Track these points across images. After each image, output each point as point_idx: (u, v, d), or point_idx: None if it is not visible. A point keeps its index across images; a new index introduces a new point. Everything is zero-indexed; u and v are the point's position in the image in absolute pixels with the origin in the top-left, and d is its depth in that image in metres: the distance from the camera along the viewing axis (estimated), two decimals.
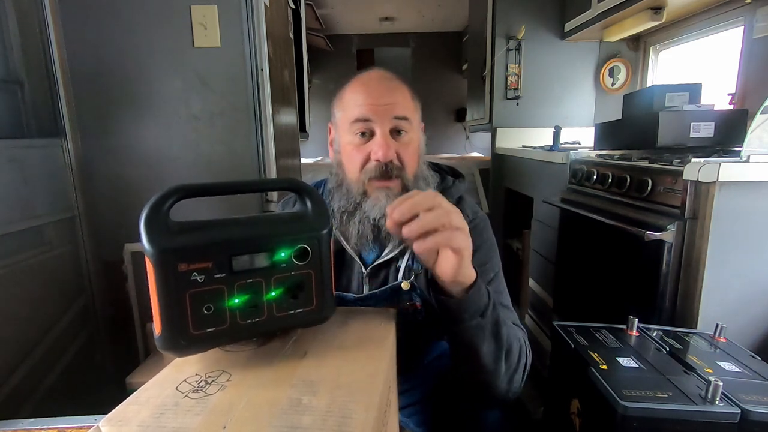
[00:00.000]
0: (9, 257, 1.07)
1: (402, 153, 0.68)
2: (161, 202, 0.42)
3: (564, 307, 1.54)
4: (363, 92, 0.68)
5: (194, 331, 0.42)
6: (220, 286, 0.43)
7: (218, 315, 0.43)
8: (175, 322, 0.41)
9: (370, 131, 0.68)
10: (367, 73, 0.72)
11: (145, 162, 1.37)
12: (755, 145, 0.95)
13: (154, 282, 0.41)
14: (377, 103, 0.67)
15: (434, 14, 4.08)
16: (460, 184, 0.80)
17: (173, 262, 0.40)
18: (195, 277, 0.41)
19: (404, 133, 0.68)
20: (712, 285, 0.93)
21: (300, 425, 0.35)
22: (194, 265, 0.41)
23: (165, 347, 0.42)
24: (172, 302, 0.41)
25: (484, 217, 0.77)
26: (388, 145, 0.66)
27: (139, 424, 0.36)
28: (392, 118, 0.67)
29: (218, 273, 0.42)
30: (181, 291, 0.41)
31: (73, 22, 1.30)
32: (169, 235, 0.41)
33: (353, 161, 0.69)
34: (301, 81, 2.66)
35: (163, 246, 0.40)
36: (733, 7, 1.58)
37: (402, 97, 0.69)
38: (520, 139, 2.38)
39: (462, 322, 0.55)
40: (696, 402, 0.66)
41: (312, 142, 4.22)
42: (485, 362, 0.58)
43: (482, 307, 0.56)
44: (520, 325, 0.69)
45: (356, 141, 0.69)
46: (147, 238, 0.40)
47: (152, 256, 0.40)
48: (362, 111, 0.67)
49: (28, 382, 1.09)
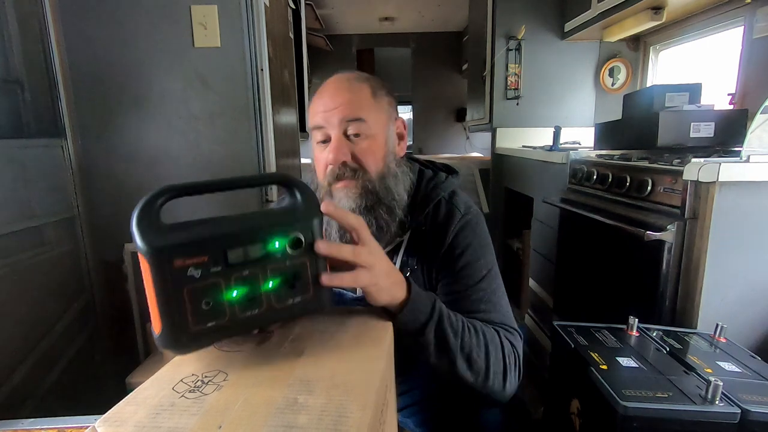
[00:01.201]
0: (9, 257, 1.07)
1: (359, 154, 0.69)
2: (152, 201, 0.42)
3: (564, 307, 1.54)
4: (318, 100, 0.71)
5: (194, 327, 0.42)
6: (217, 280, 0.43)
7: (217, 309, 0.43)
8: (175, 320, 0.41)
9: (327, 137, 0.70)
10: (330, 79, 0.73)
11: (145, 162, 1.37)
12: (755, 145, 0.95)
13: (150, 280, 0.40)
14: (327, 109, 0.68)
15: (434, 14, 4.08)
16: (453, 179, 0.80)
17: (169, 258, 0.40)
18: (192, 273, 0.41)
19: (360, 133, 0.69)
20: (712, 285, 0.93)
21: (296, 424, 0.35)
22: (190, 260, 0.41)
23: (166, 345, 0.42)
24: (170, 299, 0.41)
25: (477, 212, 0.76)
26: (338, 149, 0.68)
27: (135, 424, 0.36)
28: (342, 120, 0.68)
29: (214, 267, 0.42)
30: (179, 287, 0.41)
31: (73, 22, 1.30)
32: (161, 233, 0.41)
33: (318, 167, 0.73)
34: (301, 81, 2.66)
35: (157, 243, 0.40)
36: (733, 7, 1.57)
37: (356, 97, 0.69)
38: (520, 139, 2.38)
39: (401, 339, 0.57)
40: (696, 402, 0.66)
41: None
42: (439, 371, 0.61)
43: (418, 325, 0.58)
44: (508, 325, 0.69)
45: (318, 148, 0.72)
46: (140, 237, 0.40)
47: (147, 254, 0.40)
48: (317, 119, 0.69)
49: (28, 382, 1.09)
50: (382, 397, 0.43)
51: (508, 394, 0.65)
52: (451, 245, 0.72)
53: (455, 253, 0.71)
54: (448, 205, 0.75)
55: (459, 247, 0.72)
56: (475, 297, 0.69)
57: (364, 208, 0.69)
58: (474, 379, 0.61)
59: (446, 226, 0.73)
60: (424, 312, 0.58)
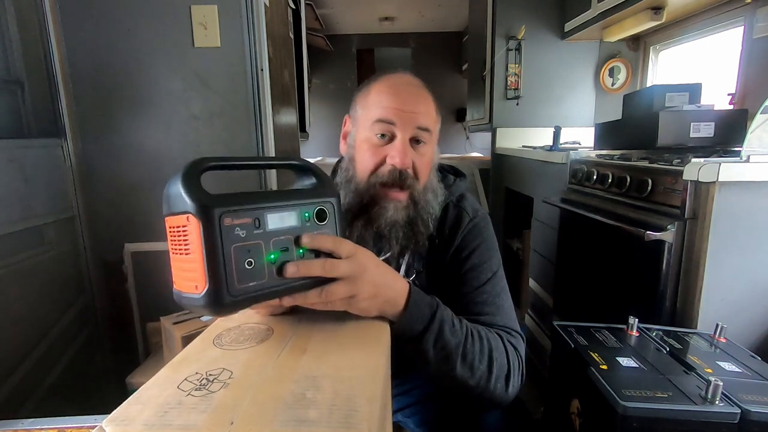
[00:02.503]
0: (9, 257, 1.07)
1: (417, 163, 0.68)
2: (193, 167, 0.45)
3: (564, 307, 1.54)
4: (391, 94, 0.68)
5: (238, 284, 0.44)
6: (259, 242, 0.46)
7: (258, 269, 0.46)
8: (221, 276, 0.43)
9: (390, 134, 0.67)
10: (398, 76, 0.71)
11: (145, 162, 1.37)
12: (755, 145, 0.95)
13: (200, 238, 0.42)
14: (403, 108, 0.66)
15: (434, 14, 4.08)
16: (461, 183, 0.80)
17: (219, 216, 0.43)
18: (238, 232, 0.44)
19: (423, 143, 0.68)
20: (712, 285, 0.93)
21: (307, 419, 0.35)
22: (237, 221, 0.45)
23: (210, 302, 0.43)
24: (220, 256, 0.43)
25: (485, 215, 0.77)
26: (406, 153, 0.66)
27: (143, 423, 0.36)
28: (415, 127, 0.67)
29: (257, 230, 0.46)
30: (227, 244, 0.43)
31: (73, 22, 1.30)
32: (207, 195, 0.44)
33: (367, 160, 0.69)
34: (301, 81, 2.66)
35: (207, 202, 0.43)
36: (733, 7, 1.58)
37: (427, 107, 0.69)
38: (520, 139, 2.38)
39: (398, 343, 0.56)
40: (696, 402, 0.66)
41: (312, 142, 4.22)
42: (439, 379, 0.60)
43: (415, 334, 0.57)
44: (511, 328, 0.69)
45: (374, 140, 0.68)
46: (189, 196, 0.43)
47: (198, 211, 0.43)
48: (387, 113, 0.67)
49: (28, 382, 1.09)
50: (387, 391, 0.43)
51: (511, 398, 0.65)
52: (458, 248, 0.72)
53: (462, 256, 0.72)
54: (456, 209, 0.76)
55: (466, 249, 0.72)
56: (479, 299, 0.69)
57: (406, 222, 0.69)
58: (475, 385, 0.61)
59: (455, 229, 0.73)
60: (421, 322, 0.57)
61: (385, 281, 0.54)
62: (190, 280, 0.43)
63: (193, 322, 1.18)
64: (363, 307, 0.53)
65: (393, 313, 0.56)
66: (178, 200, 0.43)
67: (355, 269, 0.51)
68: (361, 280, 0.51)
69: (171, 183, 0.45)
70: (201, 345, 0.50)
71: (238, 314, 0.59)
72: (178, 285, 0.46)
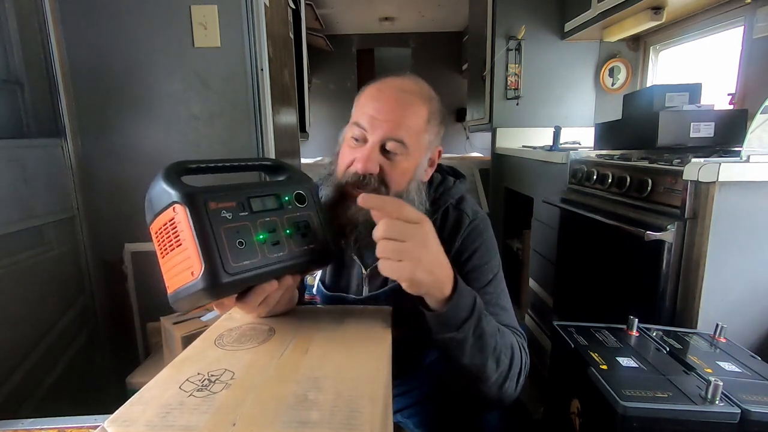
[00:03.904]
0: (9, 257, 1.07)
1: (388, 171, 0.66)
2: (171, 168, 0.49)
3: (564, 307, 1.54)
4: (373, 99, 0.67)
5: (234, 263, 0.46)
6: (246, 223, 0.49)
7: (250, 248, 0.48)
8: (215, 255, 0.44)
9: (363, 139, 0.67)
10: (392, 80, 0.69)
11: (145, 162, 1.37)
12: (755, 145, 0.95)
13: (189, 224, 0.44)
14: (377, 116, 0.65)
15: (434, 14, 4.08)
16: (461, 185, 0.80)
17: (204, 201, 0.46)
18: (224, 215, 0.47)
19: (395, 154, 0.66)
20: (712, 285, 0.93)
21: (309, 420, 0.36)
22: (222, 204, 0.47)
23: (208, 283, 0.44)
24: (210, 237, 0.45)
25: (485, 217, 0.77)
26: (370, 158, 0.64)
27: (145, 423, 0.36)
28: (385, 136, 0.65)
29: (242, 212, 0.49)
30: (217, 226, 0.46)
31: (73, 22, 1.30)
32: (189, 186, 0.47)
33: (343, 159, 0.69)
34: (301, 81, 2.66)
35: (190, 190, 0.46)
36: (733, 7, 1.58)
37: (409, 120, 0.66)
38: (520, 139, 2.38)
39: (436, 334, 0.56)
40: (696, 402, 0.66)
41: (312, 142, 4.22)
42: (469, 371, 0.59)
43: (459, 321, 0.55)
44: (516, 328, 0.69)
45: (351, 142, 0.68)
46: (172, 188, 0.46)
47: (182, 199, 0.45)
48: (362, 118, 0.66)
49: (28, 382, 1.09)
50: (389, 392, 0.43)
51: (515, 397, 0.64)
52: (459, 250, 0.72)
53: (463, 257, 0.72)
54: (456, 211, 0.75)
55: (467, 251, 0.72)
56: (483, 300, 0.69)
57: (364, 223, 0.67)
58: (495, 379, 0.60)
59: (455, 232, 0.73)
60: (466, 306, 0.55)
61: (441, 260, 0.53)
62: (186, 269, 0.44)
63: (193, 322, 1.18)
64: (419, 279, 0.50)
65: (438, 297, 0.54)
66: (162, 196, 0.46)
67: (421, 232, 0.49)
68: (426, 247, 0.50)
69: (151, 187, 0.48)
70: (202, 345, 0.50)
71: (239, 314, 0.59)
72: (172, 284, 0.47)
